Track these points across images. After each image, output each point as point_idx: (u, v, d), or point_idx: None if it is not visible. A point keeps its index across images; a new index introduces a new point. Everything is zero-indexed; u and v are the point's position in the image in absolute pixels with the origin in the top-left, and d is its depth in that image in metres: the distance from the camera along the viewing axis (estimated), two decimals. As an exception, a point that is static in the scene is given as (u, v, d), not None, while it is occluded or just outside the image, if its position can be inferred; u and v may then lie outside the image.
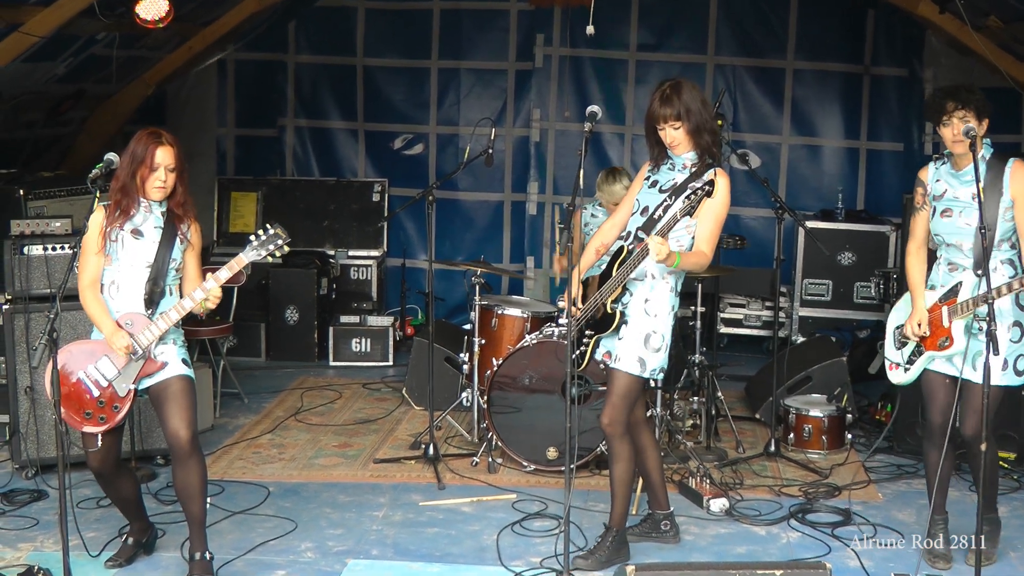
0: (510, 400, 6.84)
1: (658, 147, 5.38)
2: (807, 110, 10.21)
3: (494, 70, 10.48)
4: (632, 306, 5.34)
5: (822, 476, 6.74)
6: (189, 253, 5.25)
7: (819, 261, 9.39)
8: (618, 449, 5.44)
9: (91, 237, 5.10)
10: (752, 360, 9.38)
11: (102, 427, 5.12)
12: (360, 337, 9.50)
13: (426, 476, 6.75)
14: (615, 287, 5.31)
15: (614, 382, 5.36)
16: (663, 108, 5.24)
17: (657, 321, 5.31)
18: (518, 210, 10.57)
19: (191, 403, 5.14)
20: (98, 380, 5.11)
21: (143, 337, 5.07)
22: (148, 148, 5.04)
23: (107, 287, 5.14)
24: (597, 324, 5.38)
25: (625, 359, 5.31)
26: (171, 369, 5.14)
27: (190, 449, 5.10)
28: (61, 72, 8.07)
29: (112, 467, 5.28)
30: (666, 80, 5.37)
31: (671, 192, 5.30)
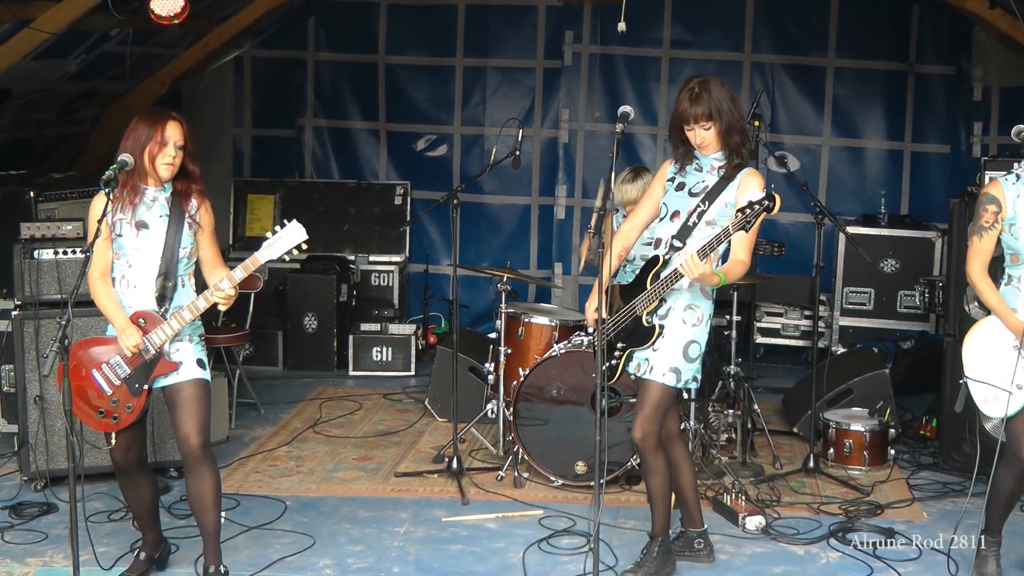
0: (537, 412, 6.84)
1: (683, 147, 5.34)
2: (849, 110, 10.18)
3: (521, 68, 10.49)
4: (670, 317, 5.31)
5: (863, 494, 6.71)
6: (201, 236, 5.22)
7: (861, 269, 9.36)
8: (652, 463, 5.44)
9: (94, 224, 5.05)
10: (790, 372, 9.36)
11: (115, 426, 5.16)
12: (381, 346, 9.53)
13: (449, 491, 6.76)
14: (653, 300, 5.27)
15: (646, 393, 5.35)
16: (693, 107, 5.21)
17: (695, 330, 5.31)
18: (546, 214, 10.57)
19: (204, 408, 5.16)
20: (111, 378, 5.15)
21: (155, 337, 5.09)
22: (156, 124, 5.06)
23: (118, 282, 5.16)
24: (631, 337, 5.36)
25: (659, 369, 5.30)
26: (185, 371, 5.16)
27: (201, 455, 5.12)
28: (73, 70, 8.12)
29: (135, 463, 5.33)
30: (693, 77, 5.32)
31: (703, 196, 5.26)
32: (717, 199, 5.24)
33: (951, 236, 7.19)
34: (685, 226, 5.27)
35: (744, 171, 5.26)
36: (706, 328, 5.35)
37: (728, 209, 5.22)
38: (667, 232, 5.34)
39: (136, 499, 5.45)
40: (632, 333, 5.35)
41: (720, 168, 5.29)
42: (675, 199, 5.35)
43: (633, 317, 5.33)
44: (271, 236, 5.12)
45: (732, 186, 5.24)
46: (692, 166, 5.34)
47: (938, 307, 7.74)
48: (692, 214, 5.27)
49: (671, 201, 5.36)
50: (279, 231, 5.12)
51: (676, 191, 5.35)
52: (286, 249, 5.11)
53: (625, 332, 5.37)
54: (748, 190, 5.19)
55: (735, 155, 5.27)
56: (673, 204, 5.35)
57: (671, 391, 5.34)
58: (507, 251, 10.44)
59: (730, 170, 5.26)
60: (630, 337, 5.36)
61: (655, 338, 5.29)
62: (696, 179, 5.32)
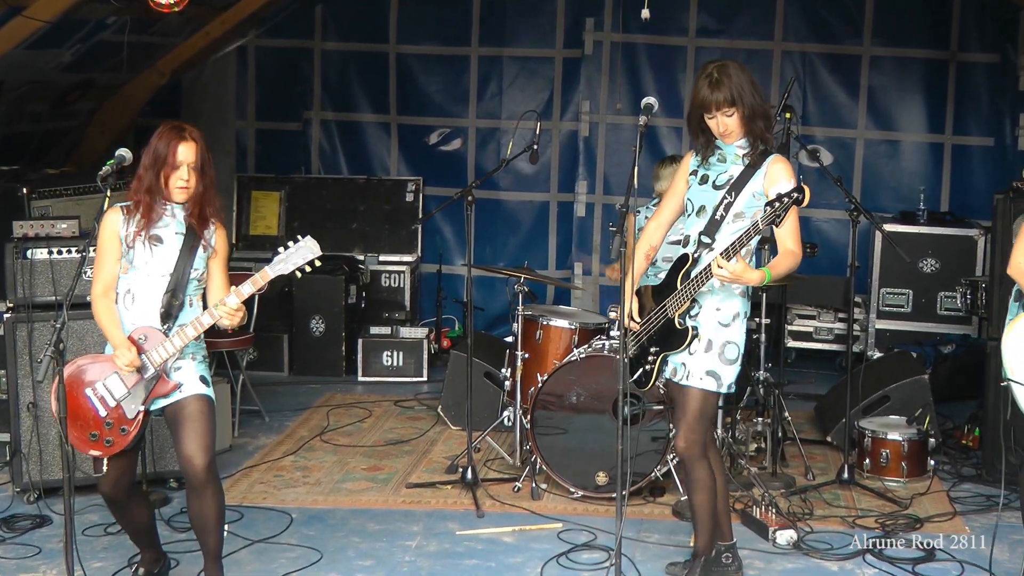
0: (556, 420, 6.84)
1: (704, 137, 5.31)
2: (885, 101, 10.15)
3: (540, 58, 10.49)
4: (703, 317, 5.29)
5: (901, 507, 6.69)
6: (214, 261, 5.25)
7: (898, 269, 9.33)
8: (697, 474, 5.39)
9: (107, 241, 5.11)
10: (823, 377, 9.33)
11: (108, 451, 5.13)
12: (392, 350, 9.54)
13: (463, 503, 6.77)
14: (684, 301, 5.26)
15: (687, 401, 5.31)
16: (715, 93, 5.16)
17: (731, 330, 5.29)
18: (565, 212, 10.57)
19: (208, 426, 5.13)
20: (106, 399, 5.13)
21: (156, 354, 5.08)
22: (170, 145, 5.05)
23: (122, 296, 5.16)
24: (664, 341, 5.34)
25: (697, 373, 5.28)
26: (187, 389, 5.14)
27: (206, 477, 5.09)
28: (68, 60, 8.15)
29: (125, 493, 5.30)
30: (710, 62, 5.28)
31: (728, 188, 5.24)
32: (744, 190, 5.22)
33: (994, 234, 7.17)
34: (713, 221, 5.25)
35: (770, 158, 5.23)
36: (742, 327, 5.32)
37: (756, 199, 5.20)
38: (695, 229, 5.33)
39: (130, 525, 5.46)
40: (665, 337, 5.34)
41: (745, 156, 5.26)
42: (699, 193, 5.33)
43: (665, 320, 5.32)
44: (283, 251, 5.12)
45: (759, 175, 5.21)
46: (715, 157, 5.32)
47: (980, 309, 7.72)
48: (719, 208, 5.25)
49: (696, 196, 5.34)
50: (291, 246, 5.11)
51: (700, 184, 5.33)
52: (298, 265, 5.11)
53: (658, 336, 5.36)
54: (777, 178, 5.17)
55: (760, 141, 5.24)
56: (698, 199, 5.33)
57: (712, 396, 5.33)
58: (524, 250, 10.44)
59: (755, 158, 5.24)
60: (663, 341, 5.34)
61: (689, 341, 5.27)
62: (720, 170, 5.30)
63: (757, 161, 5.22)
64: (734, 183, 5.24)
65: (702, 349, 5.28)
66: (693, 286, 5.22)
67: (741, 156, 5.26)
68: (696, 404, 5.31)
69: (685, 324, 5.28)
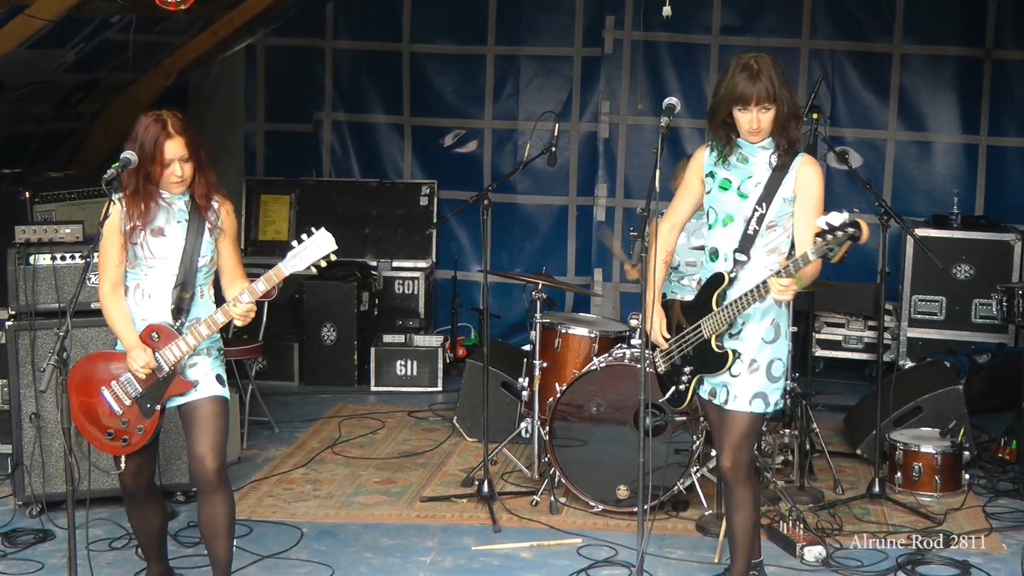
0: (575, 431, 6.83)
1: (724, 132, 5.11)
2: (917, 101, 10.13)
3: (558, 57, 10.50)
4: (746, 337, 5.15)
5: (935, 522, 6.67)
6: (223, 241, 5.23)
7: (931, 275, 9.30)
8: (740, 495, 5.30)
9: (108, 236, 5.10)
10: (852, 388, 9.31)
11: (125, 449, 5.18)
12: (405, 359, 9.54)
13: (480, 517, 6.76)
14: (723, 324, 5.13)
15: (732, 424, 5.20)
16: (755, 86, 4.97)
17: (776, 347, 5.18)
18: (584, 216, 10.57)
19: (221, 428, 5.16)
20: (121, 398, 5.16)
21: (170, 353, 5.10)
22: (156, 142, 5.02)
23: (131, 291, 5.18)
24: (700, 362, 5.22)
25: (744, 397, 5.15)
26: (203, 388, 5.17)
27: (216, 481, 5.12)
28: (71, 59, 8.17)
29: (145, 488, 5.36)
30: (744, 53, 5.12)
31: (759, 199, 5.07)
32: (775, 197, 5.07)
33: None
34: (746, 236, 5.10)
35: (799, 159, 5.07)
36: (786, 342, 5.24)
37: (787, 205, 5.07)
38: (724, 243, 5.16)
39: (143, 527, 5.48)
40: (701, 358, 5.22)
41: (770, 157, 5.09)
42: (723, 201, 5.16)
43: (701, 341, 5.20)
44: (296, 245, 5.07)
45: (788, 178, 5.06)
46: (735, 156, 5.13)
47: (1017, 317, 7.68)
48: (751, 221, 5.09)
49: (719, 204, 5.18)
50: (305, 240, 5.06)
51: (722, 190, 5.15)
52: (313, 260, 5.06)
53: (693, 356, 5.25)
54: (808, 182, 5.03)
55: (789, 143, 5.07)
56: (722, 207, 5.16)
57: (759, 417, 5.23)
58: (542, 256, 10.44)
59: (783, 159, 5.07)
60: (699, 363, 5.23)
61: (730, 364, 5.15)
62: (743, 174, 5.12)
63: (785, 163, 5.07)
64: (764, 191, 5.08)
65: (747, 370, 5.14)
66: (735, 308, 5.08)
67: (768, 158, 5.09)
68: (744, 427, 5.20)
69: (724, 347, 5.16)
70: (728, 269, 5.15)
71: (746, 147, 5.12)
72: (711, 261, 5.24)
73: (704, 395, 5.29)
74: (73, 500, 4.83)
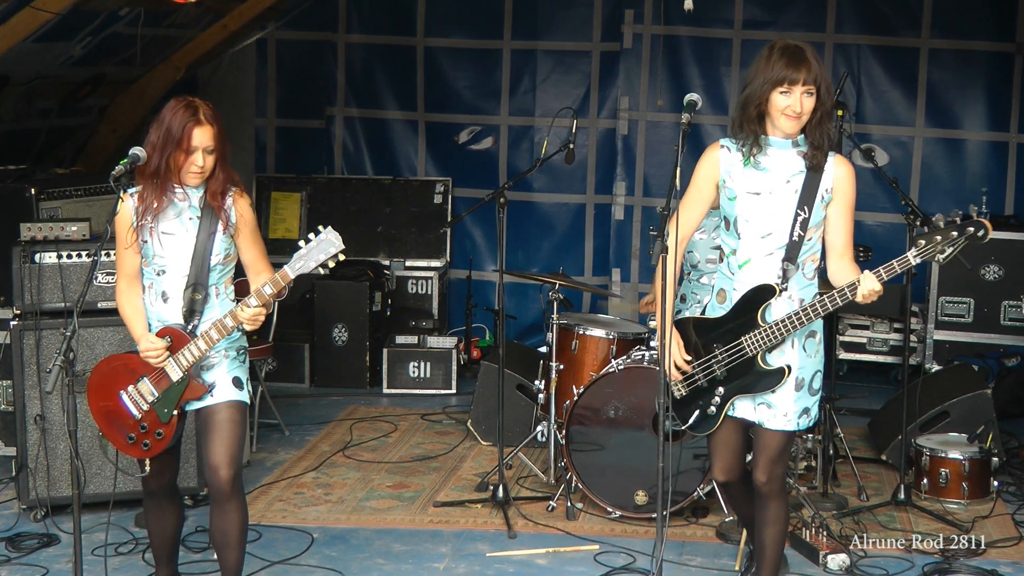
0: (592, 435, 6.83)
1: (754, 127, 4.94)
2: (945, 97, 10.11)
3: (576, 52, 10.50)
4: (788, 351, 5.05)
5: (962, 530, 6.65)
6: (241, 238, 5.19)
7: (959, 276, 9.27)
8: (774, 509, 5.24)
9: (122, 231, 5.09)
10: (877, 392, 9.28)
11: (147, 454, 5.18)
12: (419, 360, 9.55)
13: (494, 522, 6.77)
14: (776, 340, 4.99)
15: (771, 440, 5.12)
16: (801, 64, 4.81)
17: (818, 359, 5.13)
18: (603, 215, 10.58)
19: (238, 435, 5.16)
20: (139, 403, 5.16)
21: (183, 358, 5.08)
22: (184, 128, 4.99)
23: (147, 291, 5.18)
24: (741, 383, 5.08)
25: (790, 416, 5.07)
26: (220, 393, 5.16)
27: (231, 490, 5.12)
28: (78, 54, 8.20)
29: (168, 488, 5.39)
30: (778, 40, 4.96)
31: (799, 203, 4.94)
32: (815, 200, 4.94)
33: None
34: (792, 244, 4.97)
35: (833, 158, 4.96)
36: (823, 350, 5.17)
37: (823, 208, 4.96)
38: (758, 252, 5.00)
39: (160, 528, 5.48)
40: (744, 380, 5.06)
41: (803, 157, 4.95)
42: (756, 208, 4.99)
43: (741, 360, 5.06)
44: (303, 246, 5.00)
45: (826, 178, 4.95)
46: (761, 155, 4.98)
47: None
48: (794, 227, 4.95)
49: (749, 211, 5.00)
50: (312, 240, 4.99)
51: (751, 196, 4.98)
52: (321, 261, 5.00)
53: (729, 376, 5.09)
54: (845, 183, 4.96)
55: (821, 138, 4.93)
56: (758, 215, 4.99)
57: (797, 432, 5.20)
58: (559, 256, 10.44)
59: (818, 158, 4.93)
60: (741, 385, 5.08)
61: (784, 381, 5.03)
62: (775, 177, 4.97)
63: (820, 163, 4.93)
64: (803, 194, 4.95)
65: (792, 388, 5.05)
66: (794, 323, 4.95)
67: (799, 157, 4.97)
68: (784, 443, 5.13)
69: (770, 364, 5.03)
70: (779, 282, 5.00)
71: (777, 145, 4.98)
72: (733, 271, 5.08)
73: (736, 415, 5.14)
74: (79, 504, 4.85)
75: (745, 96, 4.94)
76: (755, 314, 5.01)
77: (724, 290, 5.13)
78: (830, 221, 5.02)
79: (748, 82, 4.95)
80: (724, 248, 5.13)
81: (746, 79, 4.99)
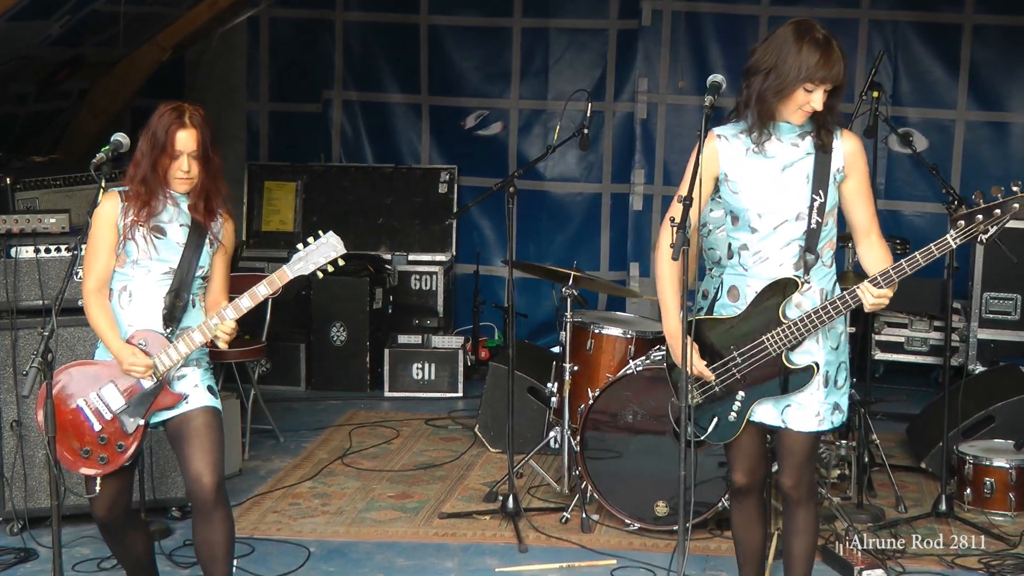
0: (609, 442, 6.84)
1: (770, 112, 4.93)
2: (990, 77, 10.08)
3: (591, 30, 10.50)
4: (812, 347, 5.02)
5: (1009, 544, 6.65)
6: (219, 256, 5.30)
7: (1004, 270, 9.26)
8: (803, 517, 5.22)
9: (102, 229, 5.13)
10: (916, 395, 9.27)
11: (102, 469, 5.16)
12: (423, 362, 9.56)
13: (504, 535, 6.78)
14: (798, 338, 4.95)
15: (798, 442, 5.09)
16: (834, 65, 4.81)
17: (842, 351, 5.12)
18: (620, 205, 10.58)
19: (217, 441, 5.18)
20: (100, 411, 5.17)
21: (159, 362, 5.11)
22: (168, 131, 5.07)
23: (116, 294, 5.20)
24: (765, 386, 5.03)
25: (821, 415, 5.04)
26: (193, 400, 5.18)
27: (215, 499, 5.14)
28: (56, 33, 8.21)
29: (121, 517, 5.35)
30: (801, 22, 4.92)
31: (813, 187, 4.93)
32: (828, 183, 4.95)
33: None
34: (811, 231, 4.96)
35: (839, 134, 4.96)
36: (847, 342, 5.18)
37: (836, 188, 4.97)
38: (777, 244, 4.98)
39: (127, 556, 5.50)
40: (770, 383, 5.02)
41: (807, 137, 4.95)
42: (765, 198, 4.98)
43: (764, 361, 5.02)
44: (302, 248, 5.15)
45: (836, 157, 4.95)
46: (768, 141, 4.98)
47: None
48: (812, 214, 4.95)
49: (760, 202, 4.98)
50: (312, 243, 5.15)
51: (758, 185, 4.97)
52: (320, 264, 5.15)
53: (751, 379, 5.04)
54: (857, 158, 4.96)
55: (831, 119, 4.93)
56: (767, 206, 4.98)
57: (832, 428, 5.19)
58: (573, 249, 10.44)
59: (826, 137, 4.94)
60: (764, 388, 5.03)
61: (813, 379, 5.00)
62: (781, 162, 4.96)
63: (827, 141, 4.94)
64: (816, 178, 4.95)
65: (821, 385, 5.03)
66: (821, 316, 4.93)
67: (806, 139, 4.96)
68: (813, 445, 5.12)
69: (795, 362, 4.99)
70: (801, 274, 4.98)
71: (786, 130, 4.98)
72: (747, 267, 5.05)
73: (758, 419, 5.10)
74: (59, 516, 4.84)
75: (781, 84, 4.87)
76: (776, 311, 4.99)
77: (736, 287, 5.09)
78: (849, 200, 5.02)
79: (771, 66, 4.89)
80: (732, 243, 5.10)
81: (765, 60, 4.92)
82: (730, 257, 5.11)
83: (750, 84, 4.97)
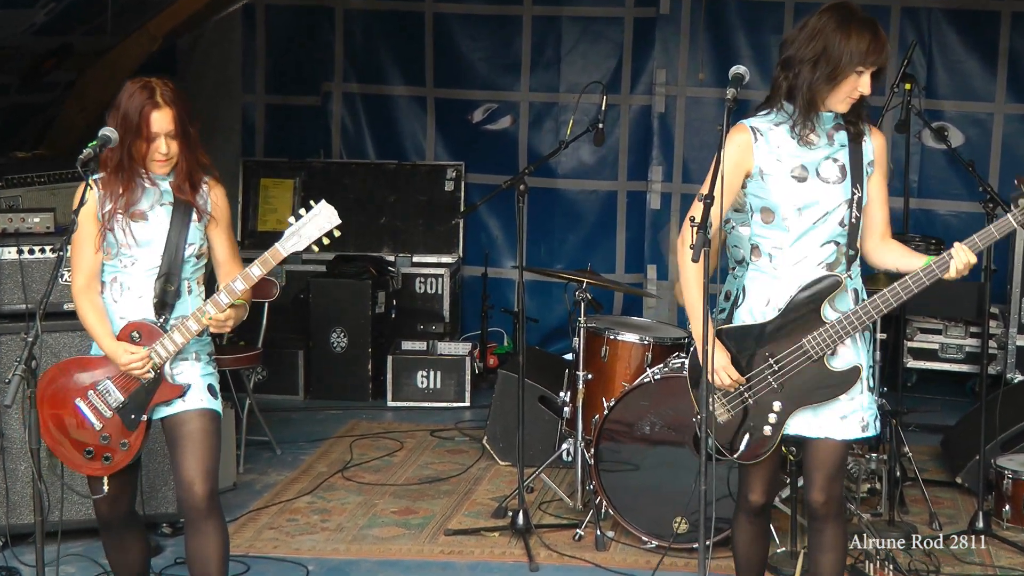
0: (625, 454, 6.84)
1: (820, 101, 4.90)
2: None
3: (606, 18, 10.51)
4: (849, 346, 5.00)
5: (1049, 563, 6.66)
6: (213, 229, 5.28)
7: (1045, 273, 9.27)
8: (832, 533, 5.19)
9: (84, 222, 5.13)
10: (951, 405, 9.27)
11: (109, 469, 5.19)
12: (428, 369, 9.57)
13: (514, 553, 6.78)
14: (840, 338, 4.93)
15: (829, 453, 5.06)
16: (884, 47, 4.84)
17: (869, 351, 5.12)
18: (636, 203, 10.58)
19: (213, 447, 5.18)
20: (100, 409, 5.18)
21: (154, 354, 5.11)
22: (141, 113, 5.05)
23: (108, 286, 5.21)
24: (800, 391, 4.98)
25: (863, 420, 5.02)
26: (192, 399, 5.19)
27: (207, 508, 5.14)
28: (41, 20, 8.21)
29: (124, 516, 5.39)
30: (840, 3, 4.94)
31: (851, 181, 4.95)
32: (863, 175, 4.97)
33: None
34: (852, 226, 4.97)
35: (866, 126, 5.02)
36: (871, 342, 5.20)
37: (868, 178, 5.00)
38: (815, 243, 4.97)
39: (122, 562, 5.51)
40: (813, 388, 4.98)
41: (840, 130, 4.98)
42: (803, 193, 4.95)
43: (804, 366, 4.97)
44: (294, 222, 5.13)
45: (867, 149, 5.00)
46: (814, 135, 4.96)
47: None
48: (852, 208, 4.95)
49: (798, 197, 4.95)
50: (304, 215, 5.14)
51: (797, 181, 4.95)
52: (315, 237, 5.14)
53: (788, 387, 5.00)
54: (882, 151, 5.03)
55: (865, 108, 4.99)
56: (806, 201, 4.95)
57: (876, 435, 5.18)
58: (587, 250, 10.45)
59: (858, 128, 4.99)
60: (810, 394, 4.98)
61: (857, 382, 4.97)
62: (818, 155, 4.97)
63: (860, 132, 4.99)
64: (853, 170, 4.97)
65: (866, 388, 5.02)
66: (867, 314, 4.91)
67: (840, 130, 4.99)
68: (844, 455, 5.10)
69: (835, 366, 4.95)
70: (843, 271, 4.97)
71: (827, 120, 4.98)
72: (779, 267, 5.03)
73: (793, 431, 5.05)
74: (43, 533, 4.85)
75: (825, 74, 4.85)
76: (817, 312, 4.96)
77: (765, 291, 5.06)
78: (872, 197, 5.04)
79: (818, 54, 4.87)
80: (761, 244, 5.08)
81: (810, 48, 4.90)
82: (758, 258, 5.09)
83: (797, 74, 4.91)
